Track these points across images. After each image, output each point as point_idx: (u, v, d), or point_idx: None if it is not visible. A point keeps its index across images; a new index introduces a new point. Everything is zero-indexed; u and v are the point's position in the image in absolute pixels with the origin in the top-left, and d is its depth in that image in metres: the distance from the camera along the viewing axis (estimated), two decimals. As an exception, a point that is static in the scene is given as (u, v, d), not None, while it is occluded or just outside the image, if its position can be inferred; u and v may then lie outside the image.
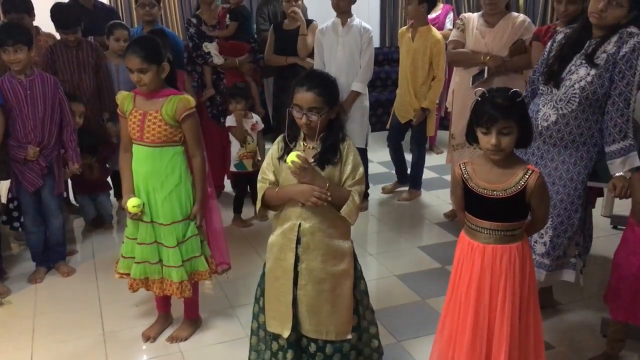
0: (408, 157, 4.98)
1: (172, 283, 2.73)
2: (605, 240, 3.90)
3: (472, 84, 3.99)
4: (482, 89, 2.09)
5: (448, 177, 4.97)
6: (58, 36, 4.15)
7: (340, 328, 2.25)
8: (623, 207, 4.18)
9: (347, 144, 2.20)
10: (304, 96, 2.10)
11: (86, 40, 4.06)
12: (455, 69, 4.37)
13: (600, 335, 2.85)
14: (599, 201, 3.86)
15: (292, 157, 2.10)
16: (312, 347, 2.28)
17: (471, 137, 2.14)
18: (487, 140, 2.04)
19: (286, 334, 2.24)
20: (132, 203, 2.64)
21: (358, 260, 2.36)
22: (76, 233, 4.25)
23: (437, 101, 4.69)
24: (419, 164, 4.91)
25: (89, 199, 4.24)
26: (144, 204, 2.66)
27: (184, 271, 2.71)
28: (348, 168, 2.18)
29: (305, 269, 2.21)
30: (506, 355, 2.11)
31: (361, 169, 2.21)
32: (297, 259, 2.21)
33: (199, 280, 2.82)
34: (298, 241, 2.19)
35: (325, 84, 2.14)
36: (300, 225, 2.18)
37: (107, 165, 4.31)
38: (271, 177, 2.24)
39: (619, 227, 4.19)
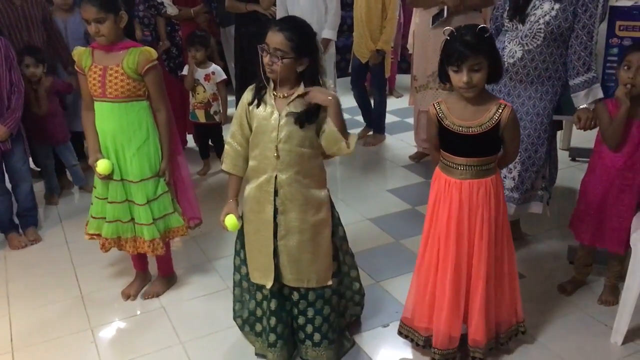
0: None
1: (144, 241, 2.70)
2: (564, 172, 4.02)
3: (432, 24, 3.99)
4: (451, 28, 2.11)
5: (410, 120, 5.02)
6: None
7: (321, 275, 2.28)
8: (580, 139, 4.34)
9: None
10: (273, 35, 2.04)
11: (29, -7, 3.84)
12: (414, 10, 4.35)
13: (567, 262, 2.99)
14: (557, 135, 3.97)
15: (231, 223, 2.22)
16: (295, 296, 2.31)
17: (443, 77, 2.17)
18: (459, 78, 2.06)
19: (269, 284, 2.26)
20: (102, 165, 2.57)
21: (335, 207, 2.38)
22: (38, 198, 4.12)
23: (392, 43, 4.67)
24: (381, 108, 4.94)
25: (45, 149, 3.98)
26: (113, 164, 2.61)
27: (156, 229, 2.68)
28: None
29: (284, 220, 2.20)
30: (484, 283, 2.22)
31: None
32: (275, 211, 2.20)
33: (175, 237, 2.80)
34: (275, 193, 2.18)
35: (299, 31, 2.06)
36: (276, 177, 2.17)
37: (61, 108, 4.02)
38: (239, 137, 2.22)
39: (577, 159, 4.34)
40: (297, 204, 2.19)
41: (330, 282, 2.30)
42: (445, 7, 3.87)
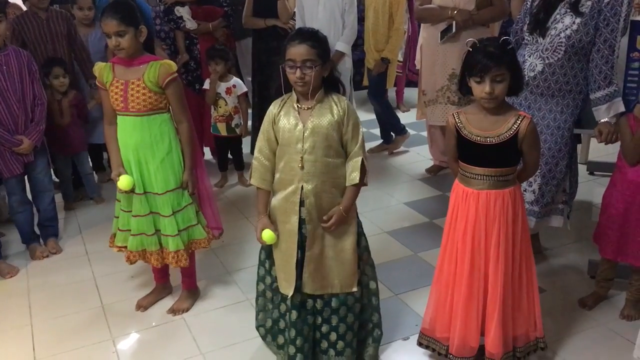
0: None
1: (169, 252, 2.72)
2: (582, 186, 3.97)
3: (441, 40, 4.01)
4: (474, 40, 2.13)
5: (426, 134, 5.02)
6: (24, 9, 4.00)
7: (345, 281, 2.28)
8: (598, 153, 4.33)
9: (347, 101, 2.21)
10: (297, 50, 2.08)
11: (54, 9, 3.91)
12: (422, 25, 4.37)
13: (588, 276, 2.97)
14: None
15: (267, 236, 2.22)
16: (319, 304, 2.31)
17: (464, 89, 2.19)
18: (481, 88, 2.09)
19: (290, 293, 2.26)
20: (123, 181, 2.59)
21: (359, 216, 2.37)
22: (58, 209, 4.16)
23: (401, 57, 4.68)
24: (388, 114, 4.96)
25: (65, 157, 4.06)
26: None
27: (180, 240, 2.70)
28: (349, 129, 2.18)
29: (311, 230, 2.22)
30: (501, 297, 2.21)
31: (361, 129, 2.22)
32: (301, 221, 2.21)
33: (197, 249, 2.81)
34: (301, 203, 2.20)
35: (316, 38, 2.13)
36: (302, 188, 2.19)
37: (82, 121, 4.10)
38: (266, 151, 2.24)
39: (595, 172, 4.32)
40: (323, 213, 2.21)
41: (355, 289, 2.30)
42: (454, 23, 3.90)
